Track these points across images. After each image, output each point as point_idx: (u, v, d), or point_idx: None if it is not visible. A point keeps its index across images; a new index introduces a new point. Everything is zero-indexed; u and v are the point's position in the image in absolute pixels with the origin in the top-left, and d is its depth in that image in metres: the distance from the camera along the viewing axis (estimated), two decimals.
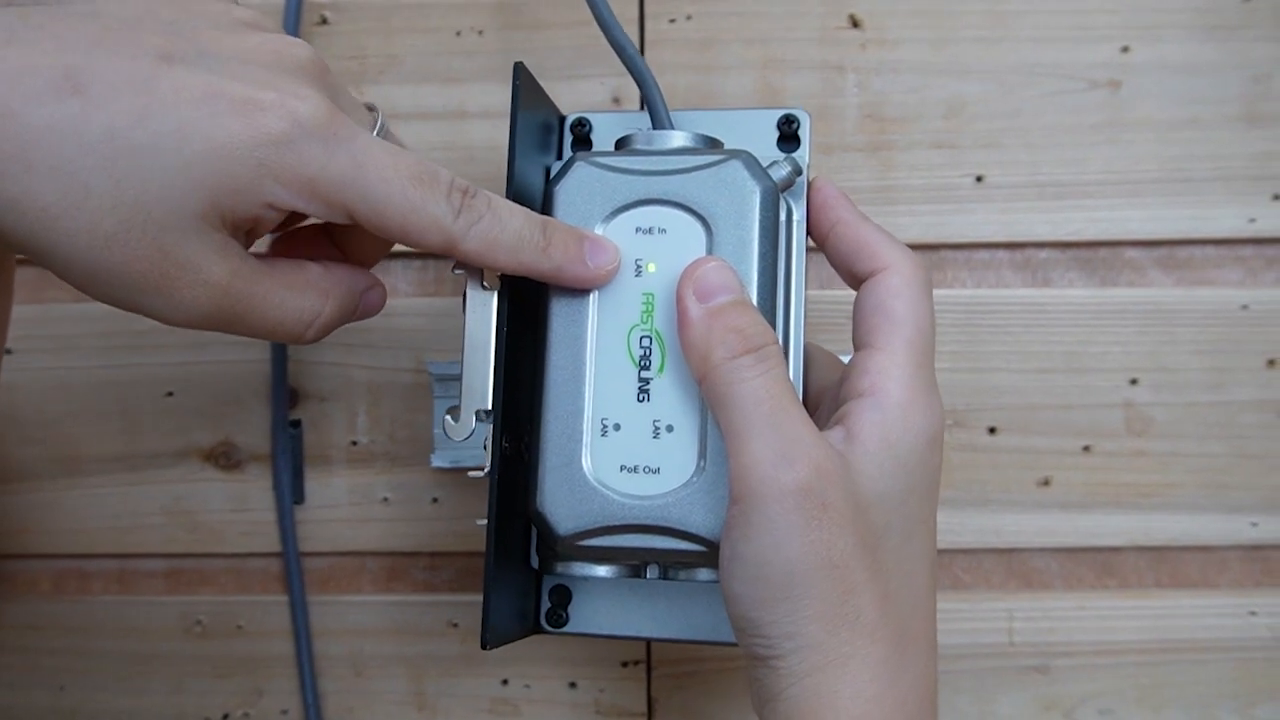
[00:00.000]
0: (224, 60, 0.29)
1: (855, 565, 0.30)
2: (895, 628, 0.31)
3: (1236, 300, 0.46)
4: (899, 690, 0.31)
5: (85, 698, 0.48)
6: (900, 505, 0.32)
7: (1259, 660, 0.46)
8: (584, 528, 0.34)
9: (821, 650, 0.30)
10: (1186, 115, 0.46)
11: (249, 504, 0.47)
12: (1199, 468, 0.46)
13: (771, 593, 0.30)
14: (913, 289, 0.34)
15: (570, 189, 0.35)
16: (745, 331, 0.32)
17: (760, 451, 0.30)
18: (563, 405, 0.34)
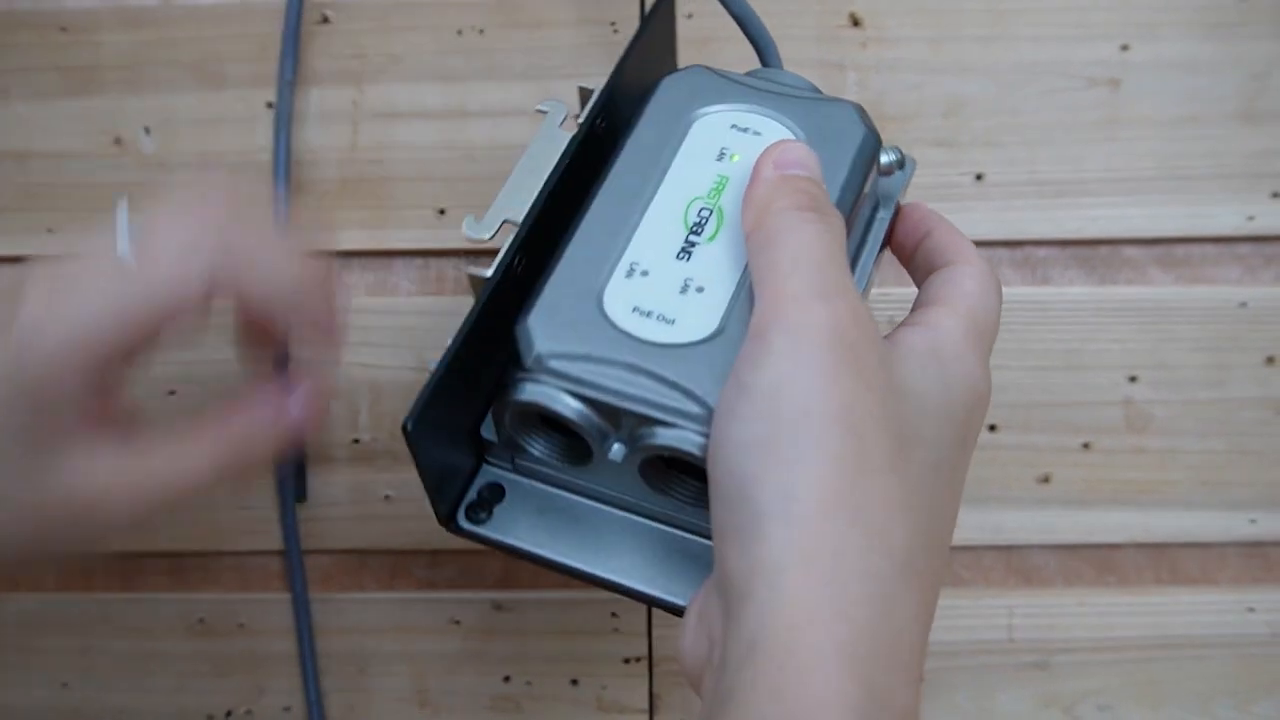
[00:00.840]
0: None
1: (875, 441, 0.26)
2: (903, 546, 0.26)
3: (1235, 298, 0.46)
4: (893, 624, 0.25)
5: (88, 695, 0.48)
6: (936, 421, 0.28)
7: (1257, 657, 0.46)
8: (566, 350, 0.30)
9: (814, 533, 0.25)
10: (1185, 113, 0.46)
11: (251, 502, 0.47)
12: (1198, 464, 0.46)
13: (778, 433, 0.26)
14: (987, 280, 0.33)
15: (678, 81, 0.35)
16: (815, 194, 0.30)
17: (798, 286, 0.27)
18: (595, 236, 0.32)
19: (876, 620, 0.25)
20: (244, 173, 0.47)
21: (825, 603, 0.25)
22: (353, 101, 0.47)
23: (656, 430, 0.29)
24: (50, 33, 0.47)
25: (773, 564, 0.25)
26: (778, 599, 0.25)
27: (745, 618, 0.25)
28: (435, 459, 0.31)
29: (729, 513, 0.26)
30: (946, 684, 0.47)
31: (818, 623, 0.25)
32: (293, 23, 0.46)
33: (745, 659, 0.25)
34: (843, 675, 0.24)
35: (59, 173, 0.47)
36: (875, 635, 0.25)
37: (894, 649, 0.25)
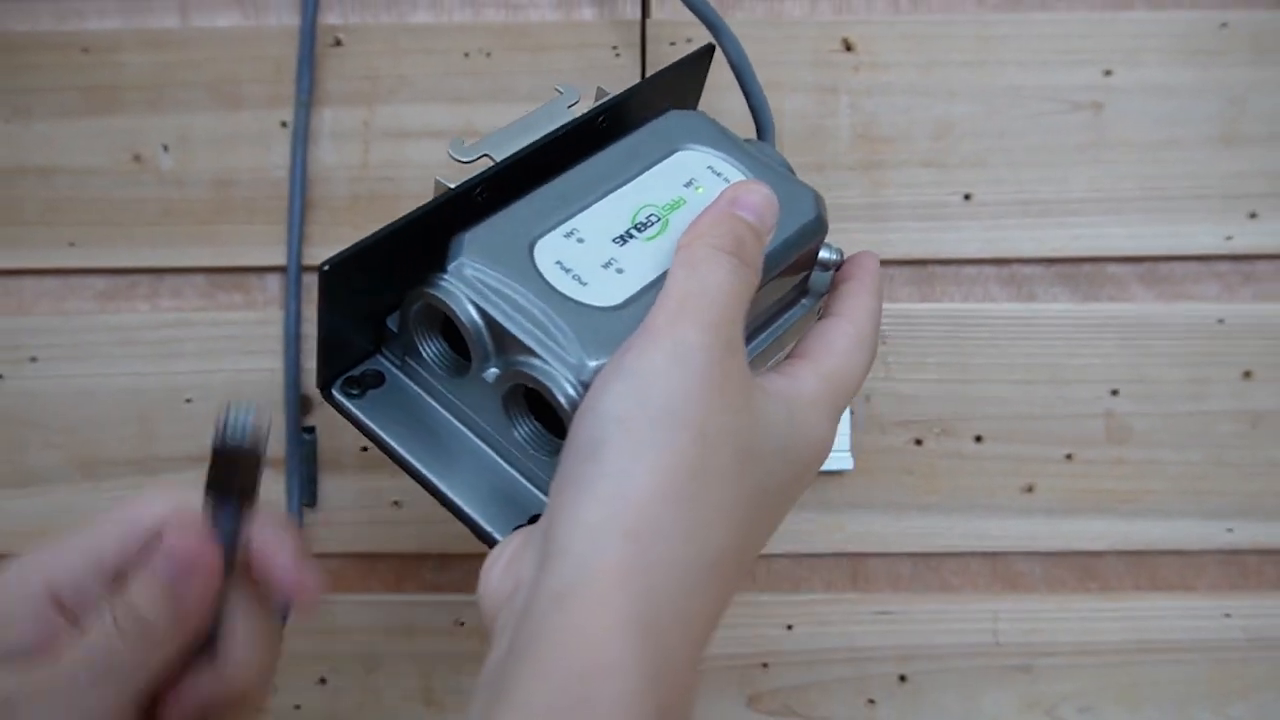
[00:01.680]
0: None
1: (719, 452, 0.29)
2: (717, 546, 0.29)
3: (1214, 314, 0.48)
4: (691, 608, 0.28)
5: None
6: (776, 455, 0.31)
7: (1234, 661, 0.48)
8: (485, 267, 0.33)
9: (643, 511, 0.28)
10: (1166, 136, 0.48)
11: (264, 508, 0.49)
12: (1177, 475, 0.48)
13: (640, 417, 0.29)
14: (858, 341, 0.35)
15: (682, 116, 0.39)
16: (747, 242, 0.32)
17: (696, 307, 0.30)
18: (554, 197, 0.35)
19: (679, 601, 0.28)
20: (259, 189, 0.48)
21: (638, 574, 0.27)
22: (364, 121, 0.48)
23: (532, 361, 0.32)
24: (73, 53, 0.48)
25: (598, 527, 0.28)
26: (594, 560, 0.27)
27: (560, 570, 0.28)
28: (338, 319, 0.34)
29: (575, 466, 0.29)
30: (934, 686, 0.48)
31: (627, 590, 0.27)
32: (307, 45, 0.48)
33: (551, 609, 0.27)
34: (640, 640, 0.27)
35: (81, 189, 0.49)
36: (675, 614, 0.28)
37: (688, 630, 0.28)
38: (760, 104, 0.45)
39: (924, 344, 0.48)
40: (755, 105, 0.45)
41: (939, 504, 0.48)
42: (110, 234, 0.49)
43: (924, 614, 0.48)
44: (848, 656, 0.48)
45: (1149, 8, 0.48)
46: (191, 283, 0.49)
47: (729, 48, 0.45)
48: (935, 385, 0.48)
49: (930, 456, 0.48)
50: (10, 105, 0.48)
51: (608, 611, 0.27)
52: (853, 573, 0.49)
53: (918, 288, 0.48)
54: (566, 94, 0.38)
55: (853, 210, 0.48)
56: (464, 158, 0.36)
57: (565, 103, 0.38)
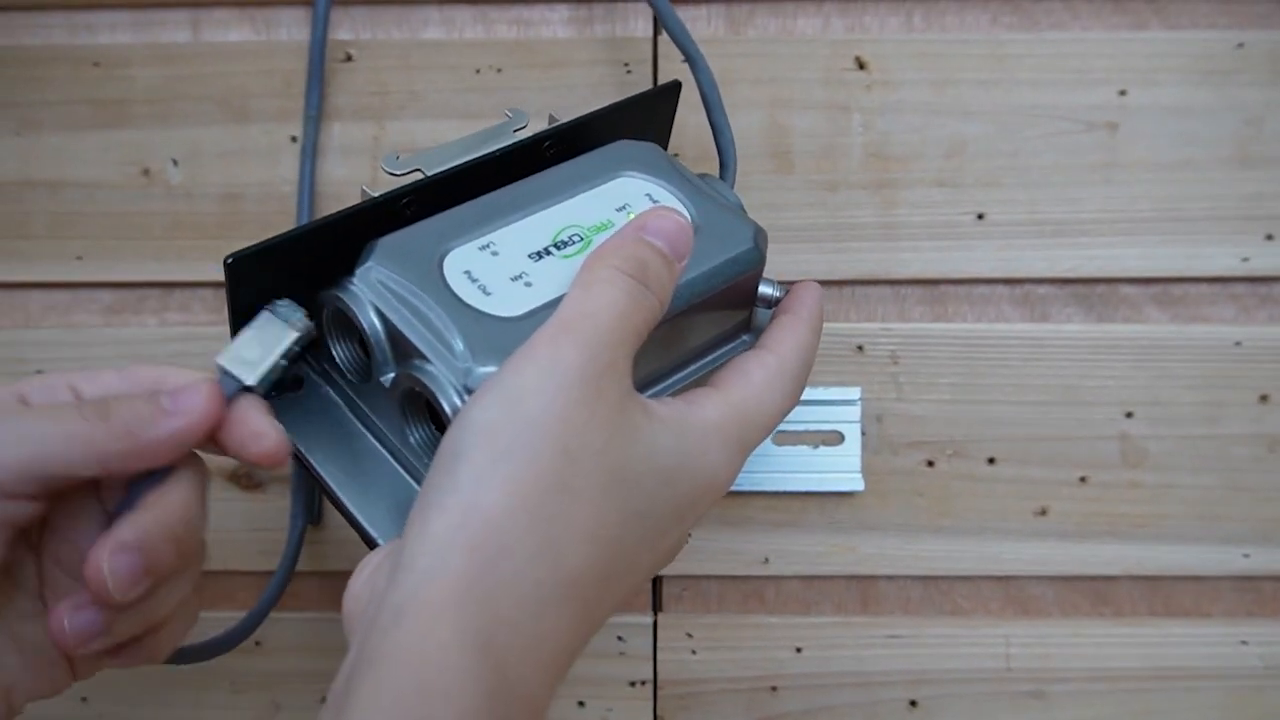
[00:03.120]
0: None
1: (585, 471, 0.29)
2: (573, 567, 0.28)
3: (1230, 337, 0.47)
4: (540, 628, 0.28)
5: (108, 709, 0.49)
6: (658, 482, 0.31)
7: (1249, 689, 0.47)
8: (391, 274, 0.33)
9: (489, 525, 0.27)
10: (1181, 157, 0.47)
11: (268, 524, 0.48)
12: (1193, 499, 0.48)
13: (503, 429, 0.28)
14: (778, 377, 0.35)
15: (631, 146, 0.39)
16: (652, 267, 0.32)
17: (583, 327, 0.30)
18: (476, 212, 0.36)
19: (524, 621, 0.27)
20: (267, 204, 0.48)
21: (477, 590, 0.27)
22: (374, 136, 0.48)
23: (424, 365, 0.33)
24: (83, 67, 0.48)
25: (443, 539, 0.27)
26: (435, 574, 0.27)
27: (402, 584, 0.27)
28: (245, 315, 0.34)
29: (434, 477, 0.29)
30: (945, 711, 0.48)
31: (465, 606, 0.27)
32: (317, 60, 0.48)
33: (390, 623, 0.27)
34: (478, 659, 0.26)
35: (89, 202, 0.48)
36: (519, 633, 0.27)
37: (536, 650, 0.28)
38: (726, 142, 0.44)
39: (936, 364, 0.47)
40: (721, 143, 0.44)
41: (951, 526, 0.48)
42: (118, 247, 0.49)
43: (935, 638, 0.48)
44: (858, 680, 0.48)
45: (1165, 27, 0.48)
46: (199, 297, 0.49)
47: (701, 80, 0.45)
48: (947, 406, 0.47)
49: (942, 478, 0.48)
50: (20, 118, 0.48)
51: (443, 628, 0.26)
52: (863, 595, 0.48)
53: (930, 307, 0.48)
54: (514, 118, 0.39)
55: (865, 229, 0.48)
56: (396, 171, 0.36)
57: (511, 126, 0.39)
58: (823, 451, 0.47)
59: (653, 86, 0.41)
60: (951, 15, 0.48)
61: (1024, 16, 0.48)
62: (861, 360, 0.47)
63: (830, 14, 0.48)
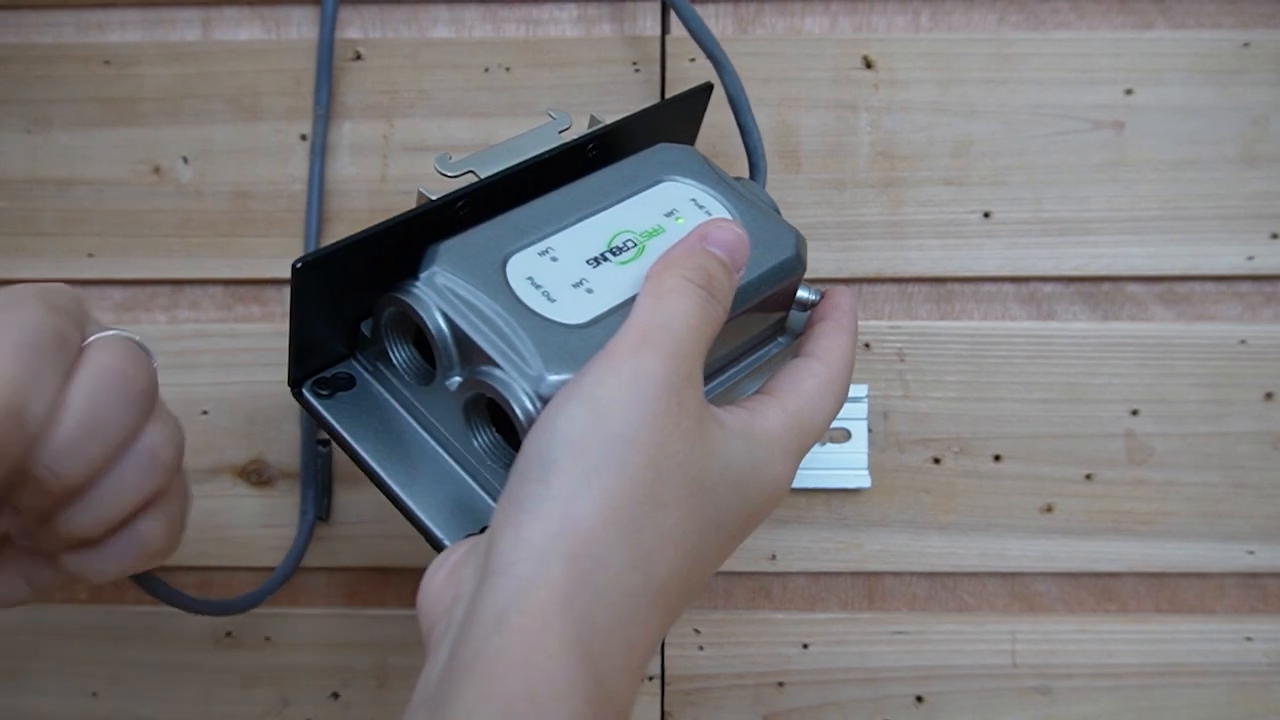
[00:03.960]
0: None
1: (671, 481, 0.29)
2: (661, 575, 0.29)
3: (1235, 335, 0.48)
4: (632, 635, 0.29)
5: (118, 704, 0.49)
6: (731, 490, 0.32)
7: (1254, 685, 0.47)
8: (456, 277, 0.33)
9: (587, 535, 0.28)
10: (1187, 156, 0.48)
11: (278, 520, 0.49)
12: (1198, 497, 0.48)
13: (592, 442, 0.29)
14: (829, 383, 0.35)
15: (673, 149, 0.39)
16: (717, 277, 0.33)
17: (660, 338, 0.30)
18: (533, 216, 0.36)
19: (620, 628, 0.28)
20: (277, 202, 0.48)
21: (578, 600, 0.28)
22: (383, 135, 0.48)
23: (493, 371, 0.33)
24: (94, 65, 0.49)
25: (541, 548, 0.28)
26: (536, 582, 0.28)
27: (501, 589, 0.28)
28: (311, 318, 0.35)
29: (521, 486, 0.29)
30: (950, 707, 0.48)
31: (568, 615, 0.27)
32: (325, 58, 0.48)
33: (492, 629, 0.27)
34: (581, 666, 0.27)
35: (99, 200, 0.49)
36: (616, 640, 0.28)
37: (629, 657, 0.29)
38: (754, 143, 0.45)
39: (943, 362, 0.48)
40: (750, 144, 0.45)
41: (957, 523, 0.48)
42: (129, 245, 0.49)
43: (941, 634, 0.48)
44: (864, 676, 0.48)
45: (1171, 27, 0.48)
46: (209, 294, 0.49)
47: (729, 84, 0.45)
48: (954, 404, 0.48)
49: (948, 475, 0.48)
50: (31, 116, 0.49)
51: (549, 635, 0.27)
52: (869, 592, 0.49)
53: (936, 305, 0.48)
54: (559, 119, 0.39)
55: (872, 228, 0.48)
56: (450, 172, 0.36)
57: (556, 128, 0.39)
58: (830, 448, 0.47)
59: (688, 89, 0.41)
60: (958, 15, 0.48)
61: (1030, 16, 0.48)
62: (869, 358, 0.48)
63: (838, 13, 0.48)
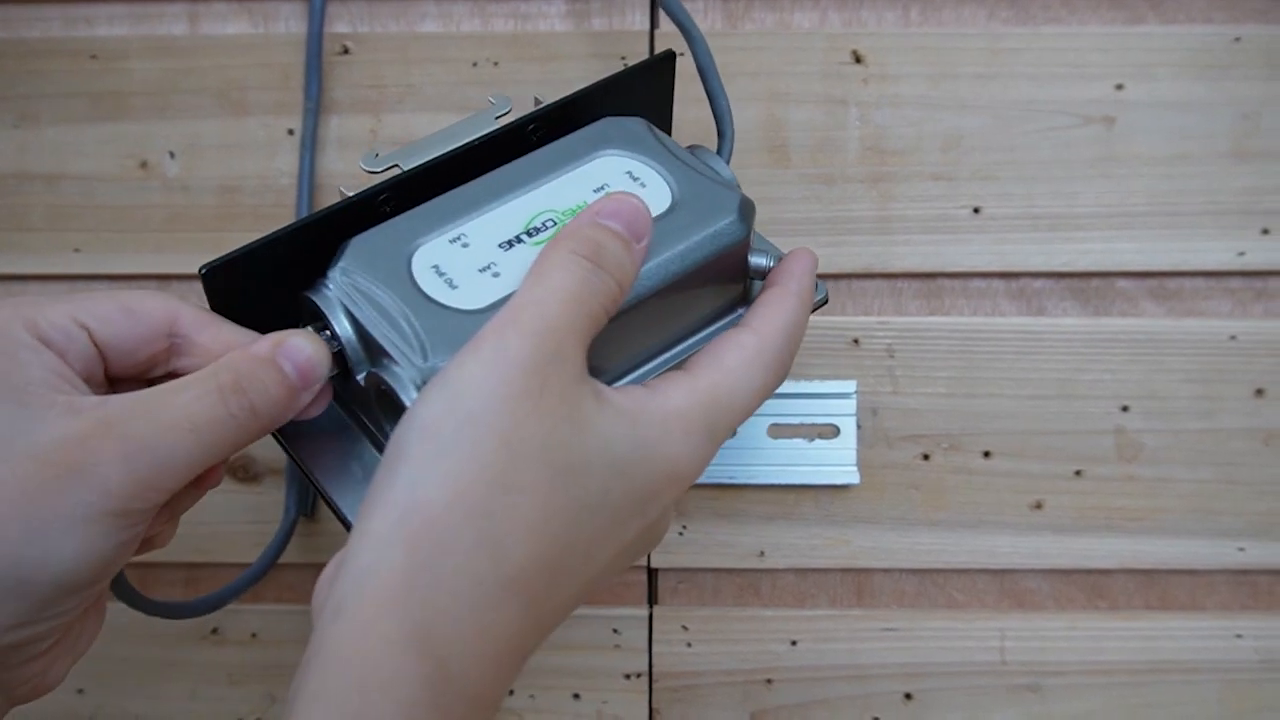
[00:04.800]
0: None
1: (528, 464, 0.28)
2: (517, 562, 0.28)
3: (1225, 331, 0.47)
4: (482, 622, 0.28)
5: (104, 701, 0.49)
6: (611, 473, 0.30)
7: (1244, 682, 0.47)
8: (361, 274, 0.34)
9: (428, 521, 0.27)
10: (1178, 151, 0.47)
11: (265, 516, 0.48)
12: (1188, 493, 0.48)
13: (445, 425, 0.28)
14: (755, 361, 0.33)
15: (615, 123, 0.38)
16: (607, 249, 0.31)
17: (528, 315, 0.29)
18: (451, 204, 0.36)
19: (463, 614, 0.27)
20: (265, 196, 0.48)
21: (418, 585, 0.27)
22: (371, 129, 0.48)
23: (389, 364, 0.33)
24: (82, 60, 0.48)
25: (383, 537, 0.27)
26: (374, 571, 0.27)
27: (344, 581, 0.27)
28: (233, 318, 0.35)
29: (378, 475, 0.29)
30: (939, 704, 0.48)
31: (407, 602, 0.27)
32: (314, 53, 0.48)
33: (331, 621, 0.27)
34: (419, 654, 0.26)
35: (87, 194, 0.49)
36: (458, 625, 0.27)
37: (480, 642, 0.27)
38: (721, 108, 0.43)
39: (932, 358, 0.48)
40: (717, 111, 0.43)
41: (946, 520, 0.48)
42: (116, 240, 0.49)
43: (930, 631, 0.48)
44: (852, 673, 0.48)
45: (1161, 22, 0.48)
46: (197, 289, 0.49)
47: (697, 50, 0.43)
48: (943, 400, 0.48)
49: (938, 472, 0.48)
50: (18, 111, 0.49)
51: (382, 623, 0.26)
52: (858, 588, 0.48)
53: (926, 301, 0.48)
54: (497, 104, 0.38)
55: (861, 223, 0.48)
56: (372, 168, 0.36)
57: (494, 113, 0.38)
58: (818, 444, 0.47)
59: (643, 60, 0.40)
60: (948, 10, 0.48)
61: (1020, 11, 0.48)
62: (857, 353, 0.48)
63: (827, 8, 0.48)
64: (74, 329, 0.32)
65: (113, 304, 0.33)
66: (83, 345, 0.32)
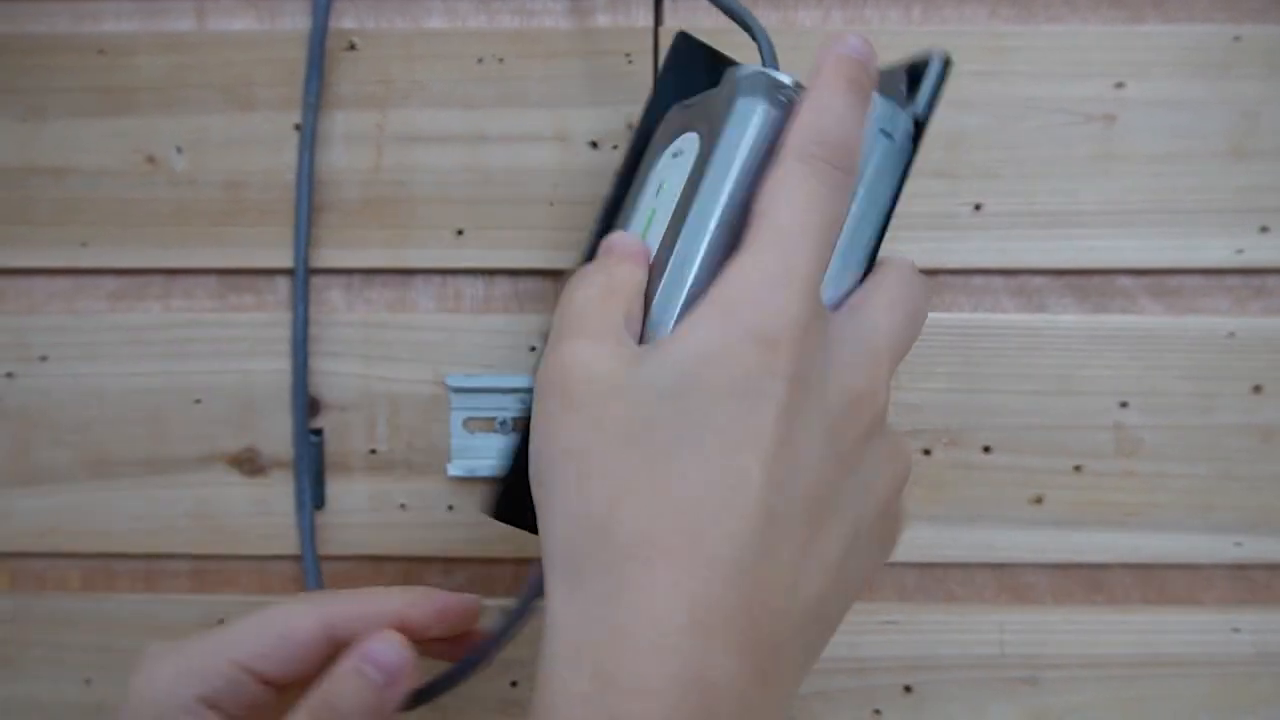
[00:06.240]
0: None
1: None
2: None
3: (1224, 328, 0.48)
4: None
5: (111, 691, 0.49)
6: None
7: (1241, 676, 0.48)
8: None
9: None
10: (1178, 149, 0.48)
11: (271, 508, 0.49)
12: (1186, 488, 0.48)
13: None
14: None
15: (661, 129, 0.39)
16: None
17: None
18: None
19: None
20: (271, 192, 0.48)
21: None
22: (376, 125, 0.48)
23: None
24: (89, 55, 0.49)
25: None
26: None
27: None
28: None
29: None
30: (939, 696, 0.48)
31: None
32: (318, 49, 0.48)
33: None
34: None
35: (93, 189, 0.49)
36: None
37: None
38: (759, 32, 0.39)
39: (933, 354, 0.48)
40: (748, 30, 0.40)
41: (946, 514, 0.48)
42: (122, 234, 0.49)
43: (929, 624, 0.48)
44: (853, 666, 0.48)
45: (1162, 20, 0.48)
46: (203, 284, 0.49)
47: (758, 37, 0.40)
48: (944, 395, 0.48)
49: (938, 467, 0.48)
50: (25, 105, 0.49)
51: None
52: None
53: None
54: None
55: None
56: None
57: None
58: None
59: (665, 59, 0.41)
60: (950, 8, 0.48)
61: (1022, 9, 0.48)
62: None
63: (830, 6, 0.49)
64: (239, 675, 0.34)
65: (270, 634, 0.34)
66: (246, 689, 0.34)
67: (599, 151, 0.48)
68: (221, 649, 0.34)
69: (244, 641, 0.34)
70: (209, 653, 0.34)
